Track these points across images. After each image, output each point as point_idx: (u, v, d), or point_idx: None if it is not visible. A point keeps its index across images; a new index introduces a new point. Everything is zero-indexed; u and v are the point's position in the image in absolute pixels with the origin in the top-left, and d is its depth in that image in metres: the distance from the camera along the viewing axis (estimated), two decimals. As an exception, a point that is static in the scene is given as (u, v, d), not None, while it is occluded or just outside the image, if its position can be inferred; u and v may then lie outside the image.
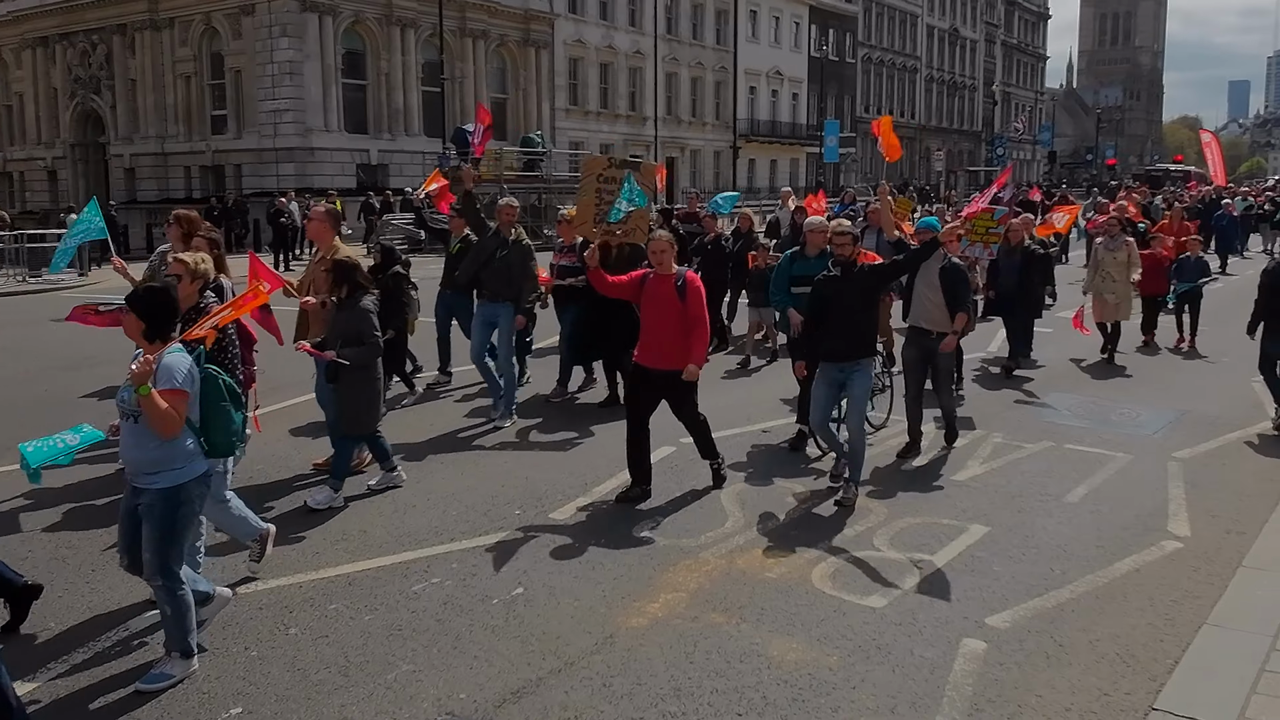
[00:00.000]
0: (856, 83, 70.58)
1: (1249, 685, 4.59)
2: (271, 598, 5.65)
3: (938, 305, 8.23)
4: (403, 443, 8.76)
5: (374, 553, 6.30)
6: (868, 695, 4.63)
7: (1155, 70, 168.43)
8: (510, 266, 9.48)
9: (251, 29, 39.29)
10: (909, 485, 7.72)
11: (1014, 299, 11.90)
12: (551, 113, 48.14)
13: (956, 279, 8.26)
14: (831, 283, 7.31)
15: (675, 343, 7.14)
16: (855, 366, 7.23)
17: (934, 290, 8.24)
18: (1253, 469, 8.22)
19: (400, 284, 9.59)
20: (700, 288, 7.28)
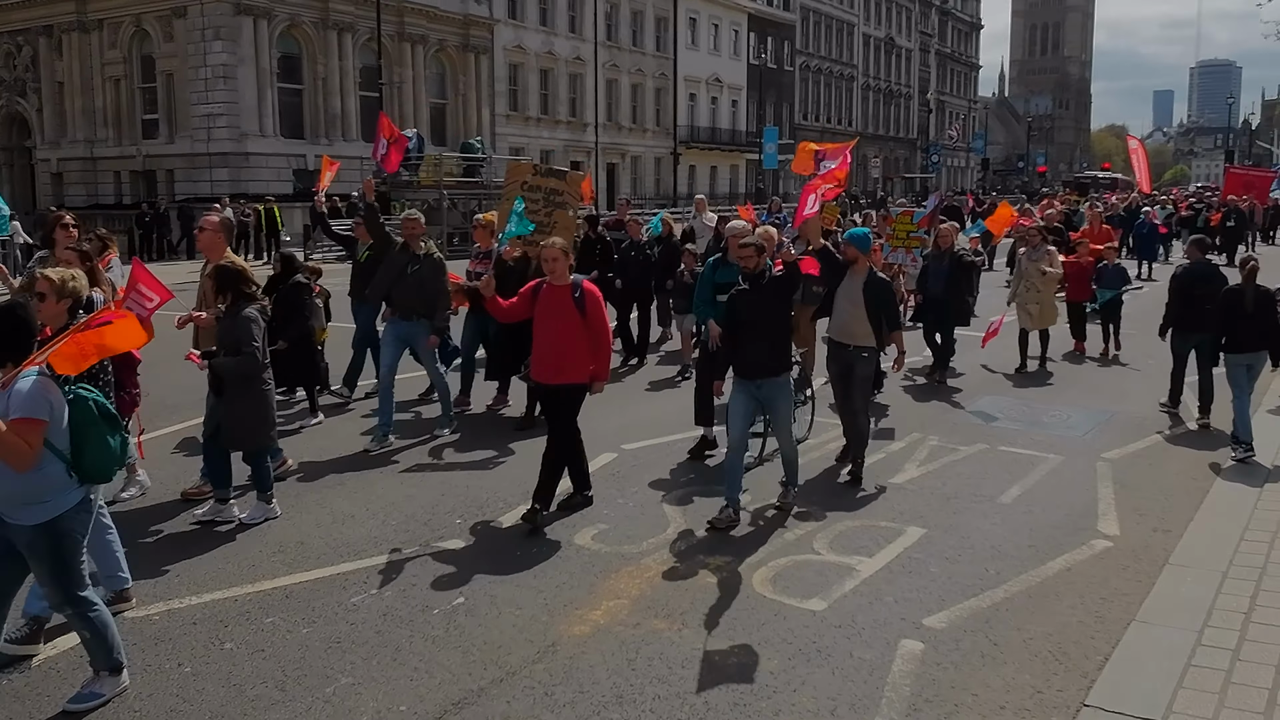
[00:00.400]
0: (795, 90, 71.30)
1: (1176, 679, 4.72)
2: (206, 612, 5.55)
3: (858, 319, 7.91)
4: (341, 456, 8.67)
5: (312, 564, 6.21)
6: (808, 698, 4.67)
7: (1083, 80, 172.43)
8: (422, 282, 9.02)
9: (183, 31, 38.55)
10: (847, 489, 7.80)
11: (941, 306, 11.79)
12: (491, 118, 47.92)
13: (883, 293, 7.95)
14: (741, 296, 7.07)
15: (574, 356, 6.88)
16: (772, 381, 6.98)
17: (856, 305, 7.92)
18: (1178, 468, 8.44)
19: (301, 294, 9.33)
20: (599, 297, 7.06)
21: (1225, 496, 7.40)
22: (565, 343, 6.88)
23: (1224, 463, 8.33)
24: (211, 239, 7.74)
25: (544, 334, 6.99)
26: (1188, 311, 9.72)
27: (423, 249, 9.17)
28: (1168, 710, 4.44)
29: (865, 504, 7.45)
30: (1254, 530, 6.63)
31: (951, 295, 11.70)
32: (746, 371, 6.95)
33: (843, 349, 8.03)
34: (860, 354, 7.95)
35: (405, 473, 8.14)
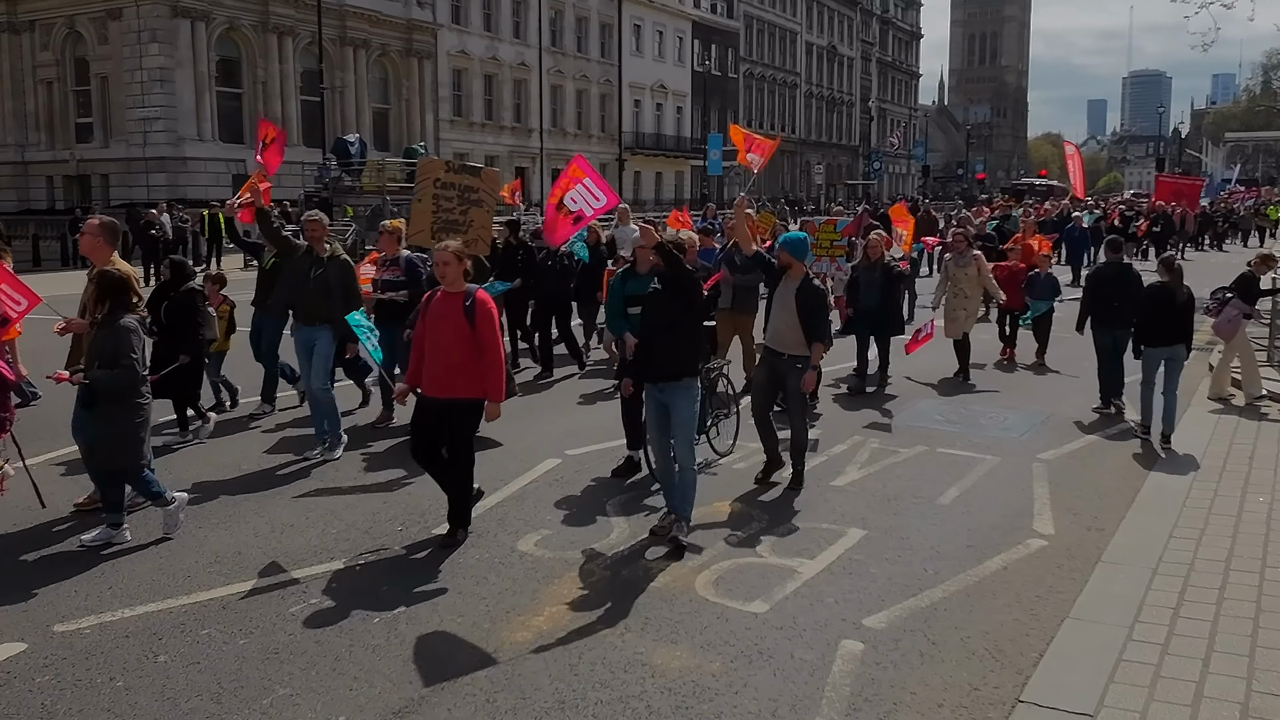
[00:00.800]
0: (739, 97, 71.84)
1: (1108, 674, 4.82)
2: (139, 624, 5.43)
3: (791, 327, 7.70)
4: (277, 466, 8.56)
5: (249, 574, 6.12)
6: (749, 700, 4.70)
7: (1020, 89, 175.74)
8: (328, 286, 8.58)
9: (119, 34, 37.85)
10: (790, 491, 7.86)
11: (875, 317, 11.65)
12: (435, 124, 47.67)
13: (814, 302, 7.70)
14: (652, 298, 6.87)
15: (462, 369, 6.43)
16: (675, 386, 6.63)
17: (789, 312, 7.70)
18: (1111, 468, 8.64)
19: (194, 302, 8.90)
20: (492, 309, 6.61)
21: (1155, 495, 7.58)
22: (454, 354, 6.43)
23: (1155, 463, 8.53)
24: (91, 243, 7.34)
25: (431, 344, 6.51)
26: (1102, 308, 10.49)
27: (327, 251, 8.77)
28: (1099, 704, 4.54)
29: (807, 507, 7.51)
30: (1182, 528, 6.81)
31: (886, 306, 11.63)
32: (650, 374, 6.77)
33: (776, 358, 7.88)
34: (794, 364, 7.73)
35: (345, 482, 8.05)
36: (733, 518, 7.24)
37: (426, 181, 9.25)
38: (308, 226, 8.99)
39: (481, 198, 9.64)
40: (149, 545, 6.57)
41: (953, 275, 12.67)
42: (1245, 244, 40.40)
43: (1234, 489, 7.66)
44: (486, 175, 9.62)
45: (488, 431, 9.46)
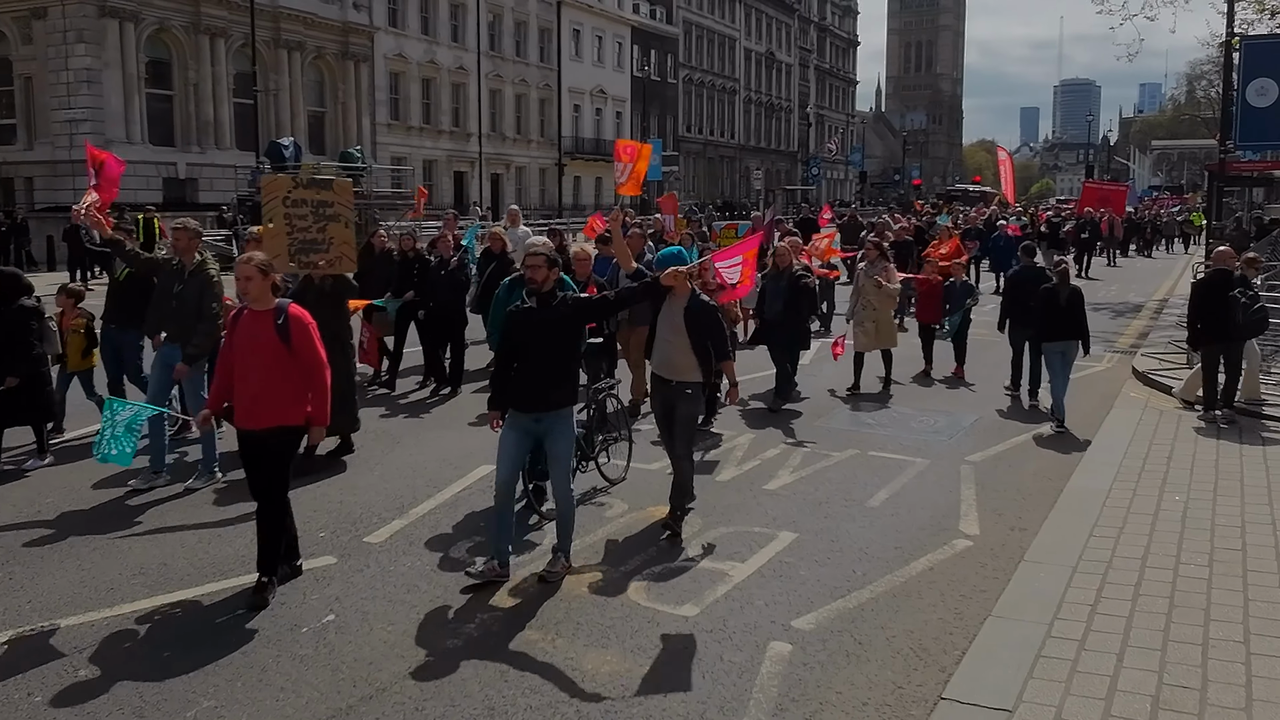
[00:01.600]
0: (678, 103, 72.14)
1: (1027, 670, 4.94)
2: (60, 639, 5.32)
3: (681, 350, 6.98)
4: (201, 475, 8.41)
5: (175, 585, 6.02)
6: (678, 702, 4.74)
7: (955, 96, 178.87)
8: (185, 302, 7.92)
9: (43, 34, 36.86)
10: (722, 495, 7.93)
11: (779, 329, 11.07)
12: (372, 127, 47.15)
13: (706, 321, 7.02)
14: (525, 315, 6.21)
15: (278, 393, 5.78)
16: (553, 416, 6.12)
17: (678, 333, 6.98)
18: (1034, 469, 8.84)
19: (27, 319, 8.29)
20: (309, 324, 5.93)
21: (1076, 496, 7.77)
22: (265, 379, 5.77)
23: (1077, 464, 8.74)
24: None
25: (241, 370, 5.83)
26: (1018, 309, 11.37)
27: (194, 262, 8.07)
28: (1018, 700, 4.65)
29: (739, 510, 7.59)
30: (1102, 527, 6.99)
31: (790, 318, 11.00)
32: (522, 403, 6.12)
33: (664, 385, 7.14)
34: (683, 390, 7.03)
35: (276, 489, 7.93)
36: (665, 522, 7.27)
37: (274, 200, 8.56)
38: (174, 236, 8.36)
39: (338, 211, 8.93)
40: (69, 558, 6.43)
41: (863, 286, 12.09)
42: (1170, 250, 41.61)
43: (1152, 489, 7.89)
44: (339, 187, 8.97)
45: (423, 438, 9.43)
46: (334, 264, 8.52)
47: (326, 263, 8.48)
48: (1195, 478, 8.20)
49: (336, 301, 8.68)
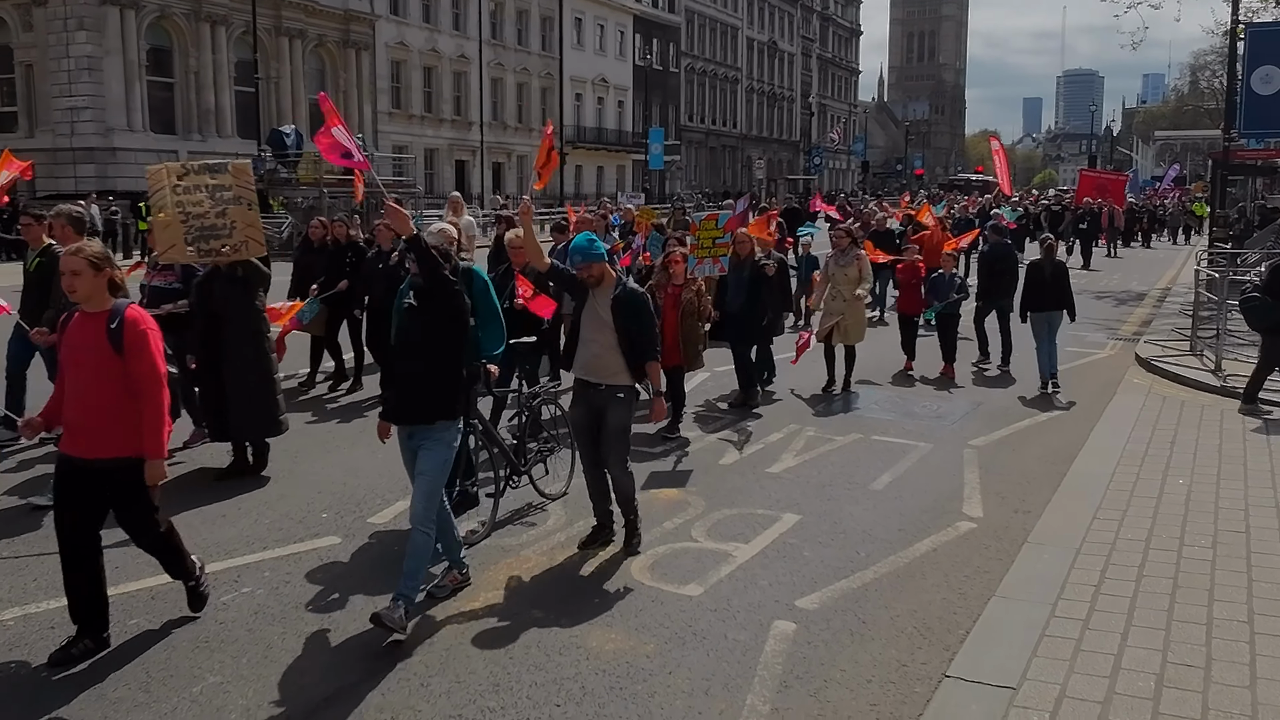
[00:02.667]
0: (680, 92, 72.00)
1: (1031, 649, 4.95)
2: (65, 615, 5.31)
3: (608, 348, 6.17)
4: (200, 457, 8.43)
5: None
6: (682, 679, 4.75)
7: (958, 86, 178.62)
8: None
9: (44, 21, 36.80)
10: (726, 478, 7.94)
11: (742, 322, 10.27)
12: (374, 116, 47.10)
13: (634, 309, 6.20)
14: (407, 315, 5.43)
15: (112, 416, 4.76)
16: (425, 431, 5.34)
17: (602, 329, 6.17)
18: (1038, 453, 8.84)
19: None
20: (149, 330, 4.86)
21: (1080, 479, 7.77)
22: (100, 396, 4.77)
23: (1080, 448, 8.73)
24: None
25: (72, 384, 4.85)
26: (990, 283, 12.53)
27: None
28: (1022, 678, 4.66)
29: (742, 493, 7.59)
30: (1105, 510, 6.99)
31: (752, 310, 10.25)
32: (396, 413, 5.45)
33: (591, 390, 6.28)
34: (615, 395, 6.21)
35: (278, 472, 7.95)
36: (670, 504, 7.29)
37: (160, 190, 7.84)
38: (54, 227, 7.94)
39: (239, 194, 8.13)
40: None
41: (833, 276, 11.34)
42: (1174, 241, 41.32)
43: (1155, 473, 7.89)
44: (236, 170, 8.21)
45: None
46: (239, 249, 7.82)
47: (232, 248, 7.79)
48: (1199, 462, 8.20)
49: (248, 291, 7.90)
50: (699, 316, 9.24)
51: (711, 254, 9.94)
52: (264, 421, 7.85)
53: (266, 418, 7.85)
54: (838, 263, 11.40)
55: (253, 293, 7.97)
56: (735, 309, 10.24)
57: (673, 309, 9.06)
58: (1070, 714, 4.33)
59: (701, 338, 9.38)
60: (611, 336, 6.18)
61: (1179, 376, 11.62)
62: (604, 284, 6.26)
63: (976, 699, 4.50)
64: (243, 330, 7.75)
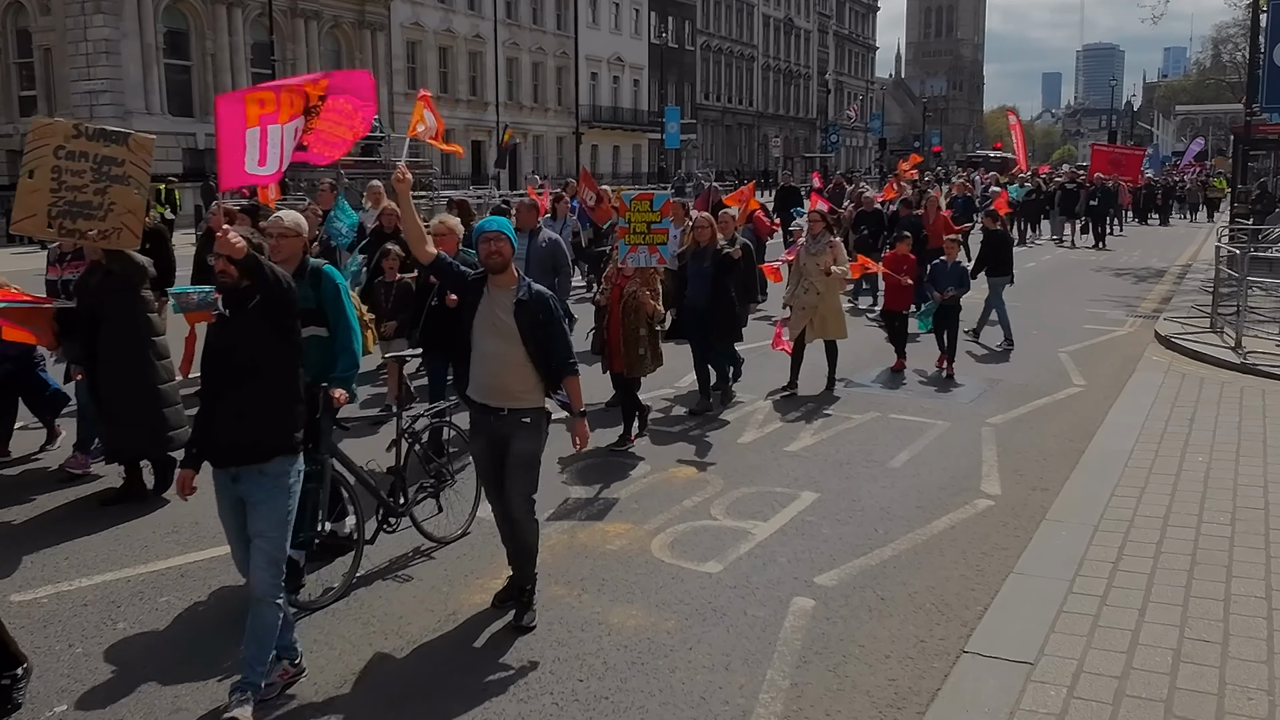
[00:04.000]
0: (696, 70, 71.64)
1: (1049, 625, 4.99)
2: (97, 593, 5.45)
3: (510, 363, 5.04)
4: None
5: (207, 544, 6.11)
6: (703, 654, 4.82)
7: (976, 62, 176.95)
8: None
9: (61, 5, 36.91)
10: (744, 457, 7.99)
11: (703, 319, 9.14)
12: (389, 97, 47.04)
13: (542, 315, 5.04)
14: (221, 330, 4.45)
15: None
16: (252, 472, 4.34)
17: (503, 338, 5.02)
18: (1055, 431, 8.85)
19: None
20: None
21: (1098, 457, 7.78)
22: None
23: (1098, 426, 8.72)
24: None
25: None
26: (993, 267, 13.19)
27: None
28: (1040, 653, 4.70)
29: (760, 471, 7.64)
30: (1123, 487, 7.01)
31: (717, 305, 9.11)
32: (216, 454, 4.40)
33: (492, 417, 5.14)
34: (519, 421, 5.10)
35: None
36: (688, 482, 7.35)
37: (44, 151, 6.81)
38: None
39: (129, 172, 6.99)
40: (104, 518, 6.55)
41: (804, 267, 10.10)
42: (1192, 219, 40.76)
43: (1174, 450, 7.89)
44: (137, 143, 7.03)
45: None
46: (108, 236, 6.72)
47: (99, 233, 6.68)
48: (1218, 439, 8.20)
49: (128, 289, 6.83)
50: (641, 316, 8.11)
51: (647, 241, 8.26)
52: (144, 437, 6.79)
53: (148, 433, 6.77)
54: (809, 251, 10.08)
55: (132, 289, 6.85)
56: (696, 303, 9.13)
57: (617, 304, 8.16)
58: (1088, 689, 4.37)
59: (642, 340, 8.11)
60: (515, 348, 5.02)
61: (1199, 354, 11.58)
62: (505, 280, 5.10)
63: (994, 674, 4.54)
64: (120, 332, 6.72)
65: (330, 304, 5.38)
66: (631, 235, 8.30)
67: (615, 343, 8.09)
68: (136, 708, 4.37)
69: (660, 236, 8.34)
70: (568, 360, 5.14)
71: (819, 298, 9.99)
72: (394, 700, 4.44)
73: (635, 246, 8.26)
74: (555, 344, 5.12)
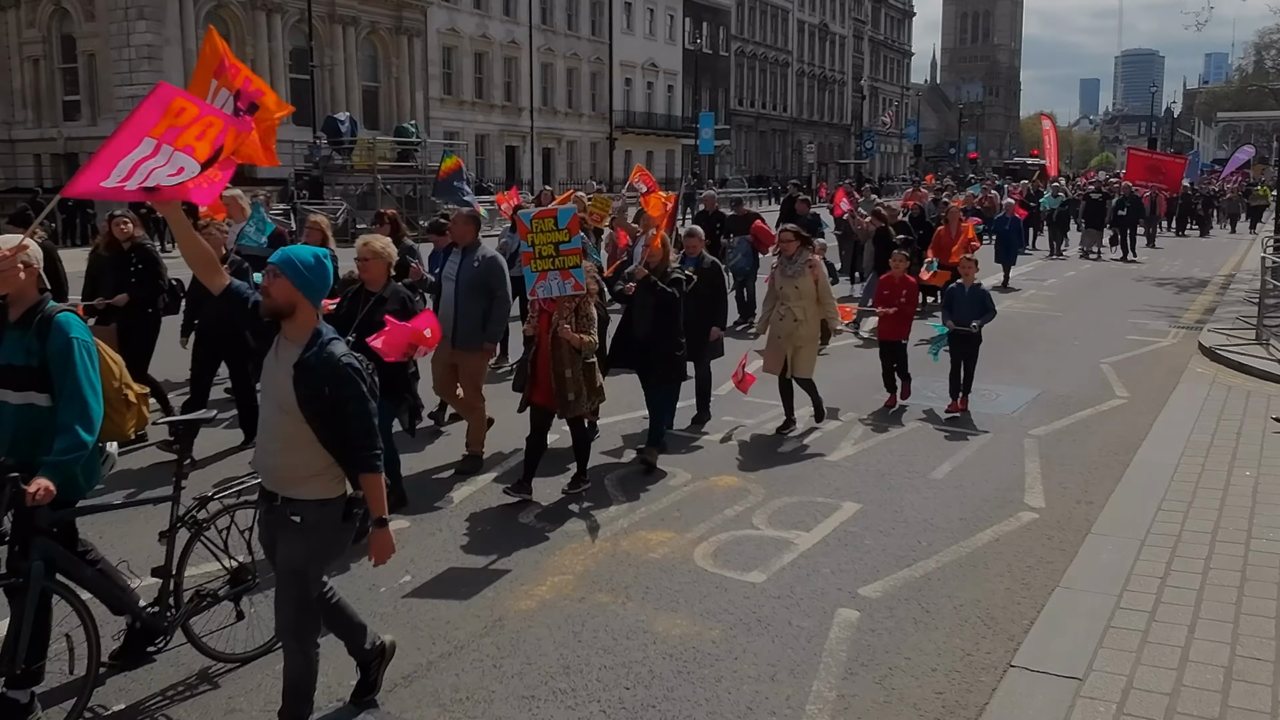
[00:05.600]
0: (730, 76, 71.64)
1: (1097, 640, 4.96)
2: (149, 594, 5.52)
3: (291, 441, 3.95)
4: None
5: (258, 549, 6.19)
6: (749, 665, 4.83)
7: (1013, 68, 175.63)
8: None
9: (106, 10, 37.55)
10: (785, 466, 7.99)
11: (647, 354, 7.91)
12: (425, 102, 47.45)
13: (330, 388, 3.87)
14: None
15: None
16: None
17: (282, 406, 3.95)
18: (1100, 443, 8.77)
19: None
20: None
21: (1144, 470, 7.71)
22: None
23: (1144, 438, 8.64)
24: None
25: None
26: None
27: None
28: (1088, 669, 4.67)
29: (802, 481, 7.63)
30: (1170, 501, 6.94)
31: (660, 342, 7.87)
32: None
33: (268, 505, 4.13)
34: (288, 515, 4.02)
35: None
36: (730, 491, 7.35)
37: None
38: None
39: None
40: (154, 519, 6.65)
41: (780, 290, 8.93)
42: (1233, 229, 39.75)
43: (1221, 463, 7.80)
44: None
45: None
46: None
47: None
48: (1266, 453, 8.10)
49: None
50: (566, 351, 6.84)
51: (557, 266, 6.86)
52: None
53: None
54: (784, 273, 8.93)
55: None
56: (642, 335, 7.91)
57: (545, 334, 6.94)
58: (1138, 706, 4.34)
59: (569, 381, 6.84)
60: (296, 423, 3.89)
61: (1244, 366, 11.44)
62: (292, 331, 3.94)
63: (1042, 689, 4.52)
64: None
65: (57, 363, 4.16)
66: (538, 261, 6.88)
67: (544, 379, 6.91)
68: (193, 709, 4.45)
69: (573, 258, 6.87)
70: (365, 451, 3.89)
71: (797, 325, 8.80)
72: (445, 705, 4.49)
73: (544, 273, 6.87)
74: (349, 426, 3.86)
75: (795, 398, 9.09)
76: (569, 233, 6.94)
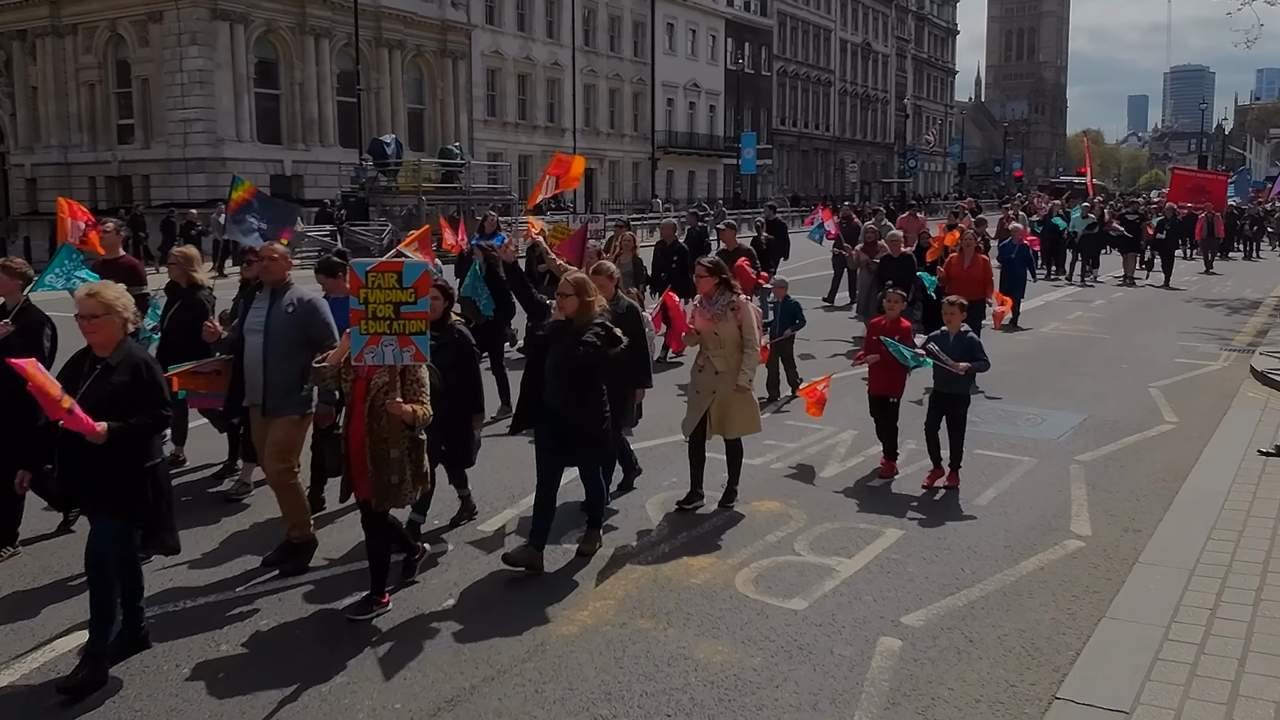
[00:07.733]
0: (772, 95, 71.72)
1: (1144, 673, 4.89)
2: (199, 615, 5.64)
3: None
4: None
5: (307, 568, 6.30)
6: (790, 693, 4.82)
7: (1059, 85, 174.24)
8: None
9: (159, 36, 38.45)
10: (827, 492, 7.96)
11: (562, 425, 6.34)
12: (470, 124, 47.99)
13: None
14: None
15: None
16: None
17: None
18: (1148, 471, 8.65)
19: None
20: None
21: (1193, 498, 7.59)
22: None
23: (1193, 465, 8.51)
24: None
25: None
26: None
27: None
28: (1135, 702, 4.61)
29: (844, 507, 7.60)
30: (1220, 530, 6.83)
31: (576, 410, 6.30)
32: None
33: None
34: None
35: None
36: (771, 517, 7.34)
37: None
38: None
39: None
40: (204, 541, 6.78)
41: (702, 336, 7.40)
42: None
43: (1273, 491, 7.65)
44: None
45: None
46: None
47: None
48: (1319, 481, 7.94)
49: None
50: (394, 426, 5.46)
51: (394, 330, 5.39)
52: None
53: None
54: (706, 316, 7.39)
55: None
56: (553, 402, 6.32)
57: (361, 403, 5.54)
58: (1187, 741, 4.28)
59: (395, 463, 5.50)
60: None
61: (1297, 390, 11.22)
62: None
63: (1089, 722, 4.47)
64: None
65: None
66: (369, 322, 5.36)
67: (359, 461, 5.54)
68: None
69: (415, 324, 5.42)
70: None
71: (718, 378, 7.29)
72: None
73: (376, 337, 5.37)
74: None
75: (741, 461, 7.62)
76: (415, 293, 5.42)
